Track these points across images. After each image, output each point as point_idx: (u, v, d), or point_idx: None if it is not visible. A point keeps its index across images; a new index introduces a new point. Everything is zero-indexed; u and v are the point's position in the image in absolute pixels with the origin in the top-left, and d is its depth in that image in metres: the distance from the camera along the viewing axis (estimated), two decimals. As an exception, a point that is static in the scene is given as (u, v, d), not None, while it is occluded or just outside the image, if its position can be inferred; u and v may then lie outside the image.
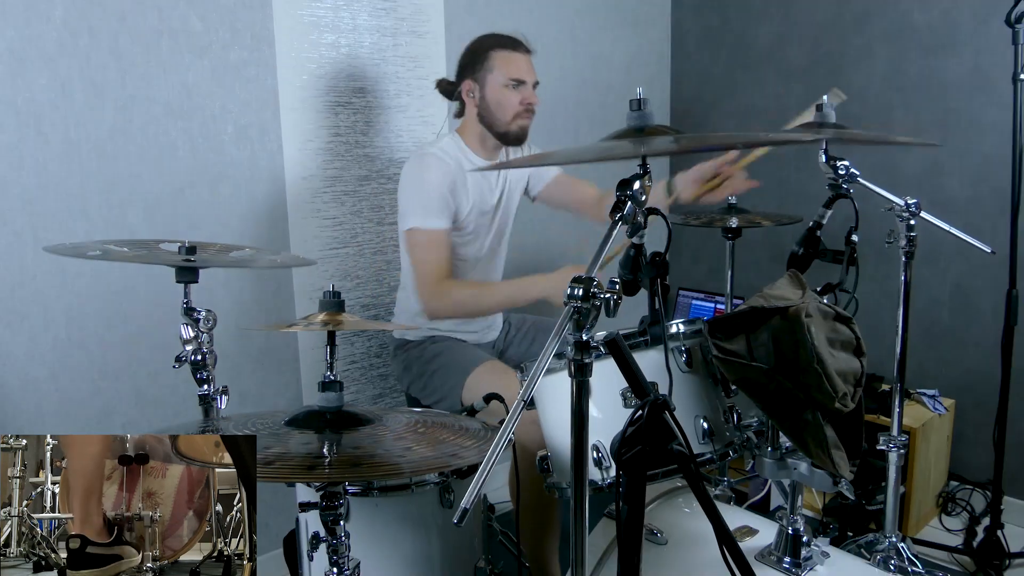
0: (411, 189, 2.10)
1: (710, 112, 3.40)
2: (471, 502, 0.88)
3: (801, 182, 3.12)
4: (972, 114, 2.64)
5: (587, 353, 1.01)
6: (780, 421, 1.30)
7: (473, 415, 1.58)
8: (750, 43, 3.22)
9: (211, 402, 1.55)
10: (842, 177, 1.85)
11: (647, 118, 1.25)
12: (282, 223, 2.33)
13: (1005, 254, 2.20)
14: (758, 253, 3.26)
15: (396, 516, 1.54)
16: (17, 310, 1.91)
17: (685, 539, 1.50)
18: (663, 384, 1.23)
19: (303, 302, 2.40)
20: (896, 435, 2.00)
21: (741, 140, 1.55)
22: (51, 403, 1.98)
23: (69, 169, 1.94)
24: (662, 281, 1.27)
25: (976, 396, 2.73)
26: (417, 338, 2.25)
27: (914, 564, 2.01)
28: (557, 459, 1.40)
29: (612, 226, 1.14)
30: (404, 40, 2.55)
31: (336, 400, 1.30)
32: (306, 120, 2.35)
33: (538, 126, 2.97)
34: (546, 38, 2.98)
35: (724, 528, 1.07)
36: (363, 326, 1.53)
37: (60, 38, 1.89)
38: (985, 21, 2.57)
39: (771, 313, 1.30)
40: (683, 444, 1.05)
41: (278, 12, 2.25)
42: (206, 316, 1.51)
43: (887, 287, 2.79)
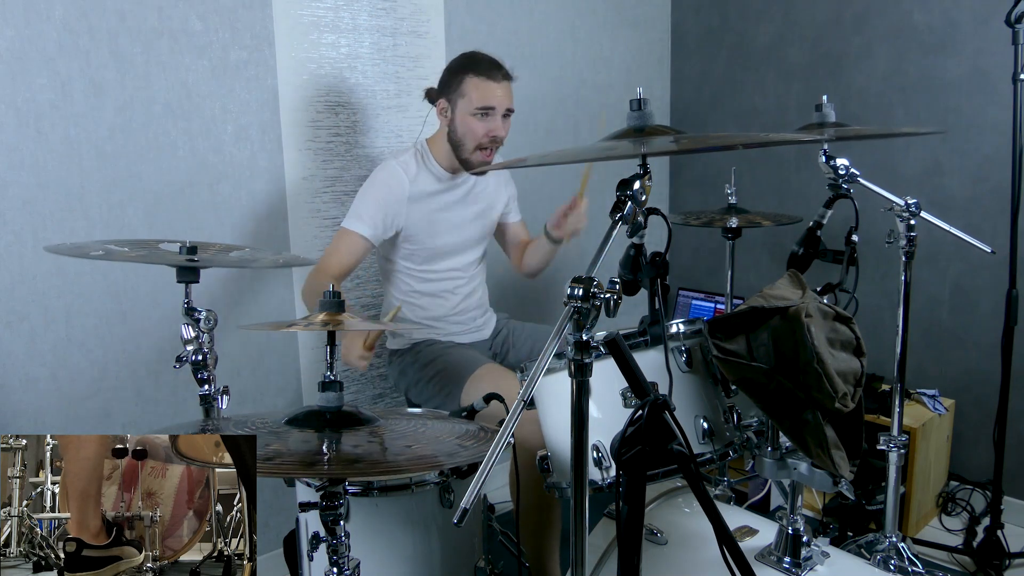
0: (360, 192, 2.14)
1: (710, 112, 3.40)
2: (471, 502, 0.88)
3: (801, 182, 3.12)
4: (972, 114, 2.64)
5: (587, 353, 1.01)
6: (780, 421, 1.30)
7: (473, 416, 1.58)
8: (750, 43, 3.22)
9: (212, 402, 1.55)
10: (842, 177, 1.85)
11: (647, 118, 1.25)
12: (282, 223, 2.33)
13: (1005, 254, 2.19)
14: (758, 253, 3.26)
15: (396, 516, 1.54)
16: (17, 310, 1.91)
17: (685, 539, 1.50)
18: (663, 384, 1.23)
19: (303, 302, 2.40)
20: (896, 435, 2.00)
21: (741, 140, 1.55)
22: (51, 403, 1.98)
23: (69, 169, 1.95)
24: (662, 281, 1.27)
25: (976, 396, 2.73)
26: (406, 345, 2.25)
27: (914, 564, 2.01)
28: (557, 459, 1.40)
29: (612, 226, 1.14)
30: (404, 40, 2.55)
31: (336, 400, 1.30)
32: (306, 120, 2.35)
33: (538, 126, 2.99)
34: (546, 38, 2.98)
35: (724, 528, 1.07)
36: (363, 326, 1.53)
37: (60, 38, 1.89)
38: (985, 21, 2.57)
39: (771, 313, 1.30)
40: (683, 444, 1.05)
41: (278, 12, 2.25)
42: (207, 316, 1.51)
43: (887, 287, 2.80)
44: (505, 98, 2.12)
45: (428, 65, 2.59)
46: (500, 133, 2.13)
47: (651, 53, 3.43)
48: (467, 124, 2.11)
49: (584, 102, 3.15)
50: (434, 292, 2.23)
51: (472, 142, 2.11)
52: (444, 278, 2.23)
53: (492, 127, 2.11)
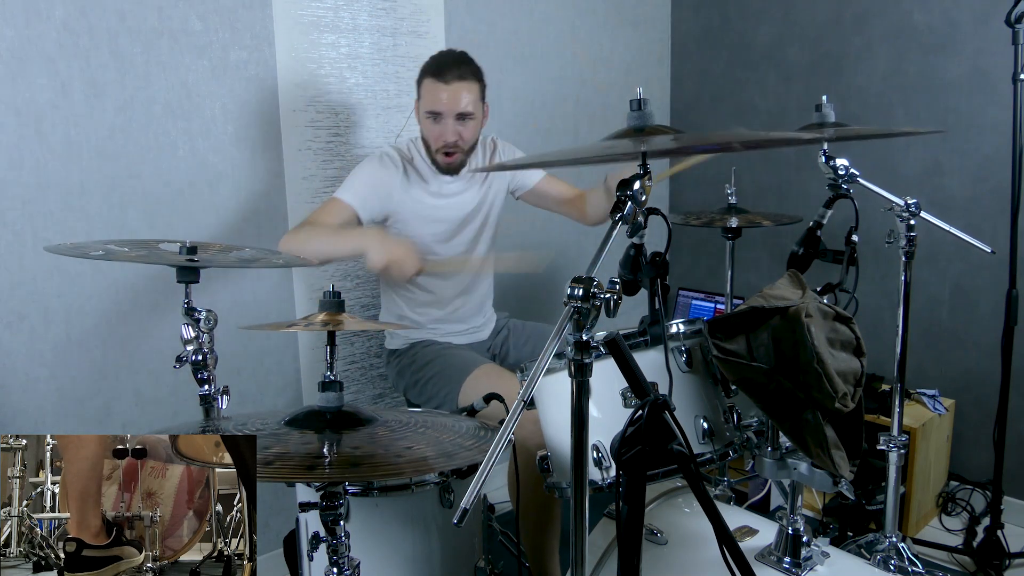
0: (353, 170, 2.12)
1: (710, 112, 3.40)
2: (471, 502, 0.88)
3: (801, 182, 3.12)
4: (972, 114, 2.64)
5: (587, 353, 1.01)
6: (780, 421, 1.30)
7: (473, 415, 1.58)
8: (750, 43, 3.22)
9: (212, 402, 1.55)
10: (842, 177, 1.85)
11: (647, 118, 1.25)
12: (282, 223, 2.33)
13: (1005, 254, 2.19)
14: (758, 253, 3.26)
15: (396, 516, 1.54)
16: (17, 310, 1.91)
17: (685, 539, 1.50)
18: (663, 384, 1.23)
19: (303, 302, 2.40)
20: (896, 435, 2.00)
21: (741, 139, 1.54)
22: (51, 403, 1.98)
23: (69, 169, 1.94)
24: (662, 281, 1.27)
25: (976, 396, 2.73)
26: (404, 345, 2.25)
27: (914, 564, 2.01)
28: (557, 459, 1.40)
29: (612, 226, 1.14)
30: (404, 40, 2.54)
31: (336, 400, 1.30)
32: (306, 120, 2.35)
33: (539, 126, 2.99)
34: (546, 38, 2.98)
35: (724, 528, 1.07)
36: (363, 326, 1.53)
37: (60, 38, 1.89)
38: (985, 21, 2.57)
39: (771, 313, 1.30)
40: (683, 444, 1.05)
41: (278, 12, 2.25)
42: (207, 316, 1.51)
43: (887, 287, 2.80)
44: (452, 101, 2.01)
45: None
46: (449, 138, 2.05)
47: (651, 53, 3.43)
48: (424, 127, 2.09)
49: (584, 102, 3.15)
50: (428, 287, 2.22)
51: (432, 145, 2.10)
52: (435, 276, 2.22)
53: (441, 131, 2.05)
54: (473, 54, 2.12)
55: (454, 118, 2.04)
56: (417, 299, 2.23)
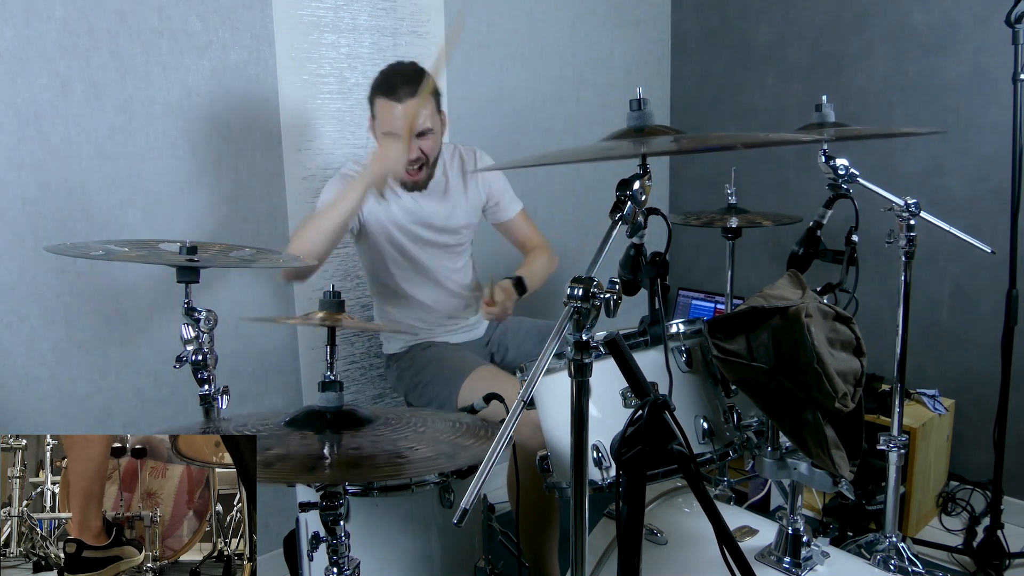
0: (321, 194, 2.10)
1: (710, 112, 3.40)
2: (471, 502, 0.88)
3: (801, 182, 3.12)
4: (972, 114, 2.64)
5: (587, 353, 1.01)
6: (780, 421, 1.31)
7: (474, 415, 1.58)
8: (750, 43, 3.22)
9: (212, 402, 1.55)
10: (842, 177, 1.85)
11: (647, 118, 1.25)
12: (282, 223, 2.33)
13: (1005, 254, 2.19)
14: (758, 253, 3.26)
15: (396, 516, 1.54)
16: (17, 310, 1.91)
17: (685, 539, 1.50)
18: (663, 384, 1.23)
19: (303, 302, 2.40)
20: (896, 435, 2.00)
21: (741, 140, 1.54)
22: (51, 403, 1.97)
23: (69, 169, 1.94)
24: (662, 281, 1.27)
25: (976, 396, 2.73)
26: (402, 348, 2.25)
27: (914, 564, 2.01)
28: (557, 459, 1.40)
29: (612, 226, 1.14)
30: (404, 40, 2.54)
31: (336, 400, 1.30)
32: (306, 120, 2.35)
33: (538, 126, 2.99)
34: (546, 38, 2.98)
35: (724, 528, 1.07)
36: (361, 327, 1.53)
37: (60, 38, 1.89)
38: (985, 21, 2.57)
39: (771, 313, 1.30)
40: (683, 444, 1.05)
41: (278, 12, 2.25)
42: (207, 316, 1.51)
43: (887, 287, 2.80)
44: (406, 119, 1.93)
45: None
46: (411, 155, 1.98)
47: (651, 53, 3.43)
48: (381, 146, 2.01)
49: (584, 102, 3.15)
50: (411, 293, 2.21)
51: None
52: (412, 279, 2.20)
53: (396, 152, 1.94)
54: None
55: (413, 136, 1.98)
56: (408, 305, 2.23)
